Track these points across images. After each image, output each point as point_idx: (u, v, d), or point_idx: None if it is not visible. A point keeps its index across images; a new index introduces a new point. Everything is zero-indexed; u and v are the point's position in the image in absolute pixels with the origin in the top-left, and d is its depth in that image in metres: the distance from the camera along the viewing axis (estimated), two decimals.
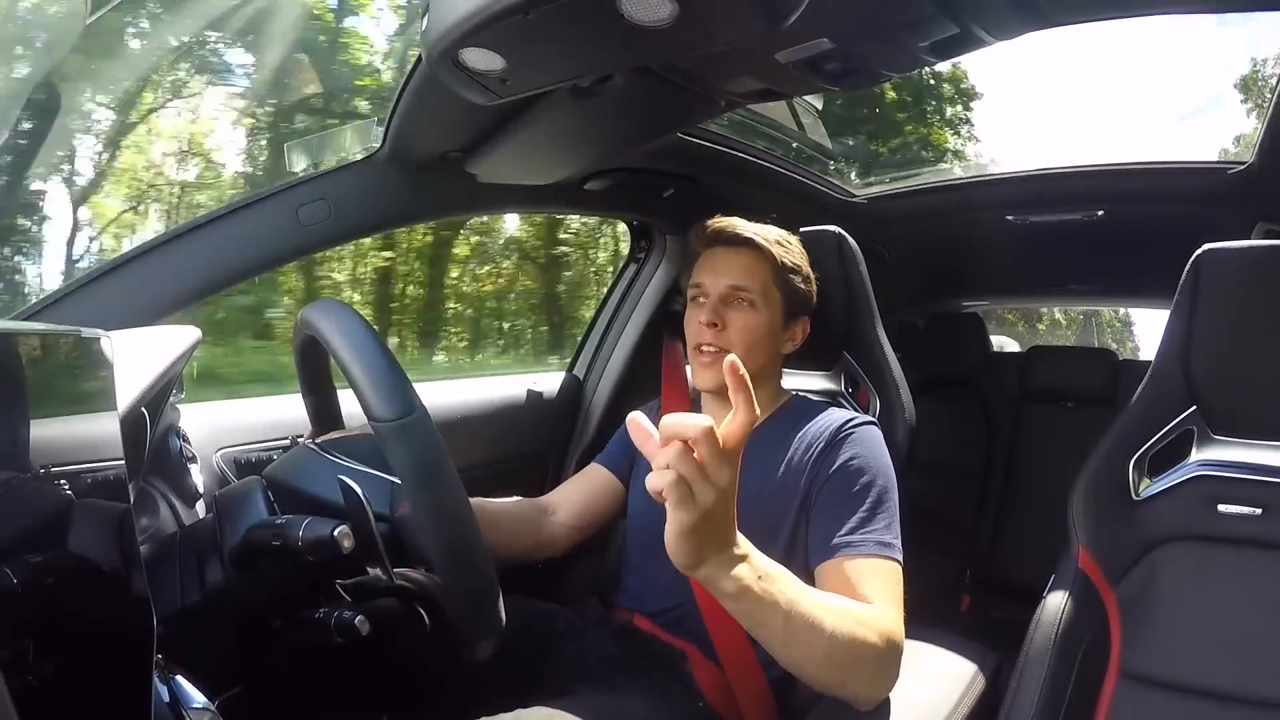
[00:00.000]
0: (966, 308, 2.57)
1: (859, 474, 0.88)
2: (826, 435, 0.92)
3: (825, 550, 0.84)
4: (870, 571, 0.81)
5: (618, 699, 0.85)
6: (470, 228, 6.00)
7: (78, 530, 0.48)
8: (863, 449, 0.90)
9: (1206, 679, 0.80)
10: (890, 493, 0.88)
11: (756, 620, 0.66)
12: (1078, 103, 6.76)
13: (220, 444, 1.07)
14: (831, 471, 0.89)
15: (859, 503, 0.86)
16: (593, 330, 1.67)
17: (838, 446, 0.91)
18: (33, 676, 0.38)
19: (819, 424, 0.94)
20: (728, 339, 0.95)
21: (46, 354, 0.53)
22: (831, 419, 0.94)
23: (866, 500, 0.86)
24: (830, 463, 0.90)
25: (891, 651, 0.74)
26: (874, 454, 0.90)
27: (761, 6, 0.65)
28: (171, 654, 0.57)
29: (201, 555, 0.68)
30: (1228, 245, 0.87)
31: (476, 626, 0.65)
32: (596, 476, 1.10)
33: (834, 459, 0.90)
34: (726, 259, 0.97)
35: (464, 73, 0.75)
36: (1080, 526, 0.89)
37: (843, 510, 0.86)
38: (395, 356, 0.64)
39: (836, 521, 0.85)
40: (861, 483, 0.87)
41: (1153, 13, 0.82)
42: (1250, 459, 0.85)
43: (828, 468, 0.90)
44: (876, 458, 0.90)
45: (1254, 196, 1.41)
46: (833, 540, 0.84)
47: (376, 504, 0.66)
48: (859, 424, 0.93)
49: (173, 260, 0.98)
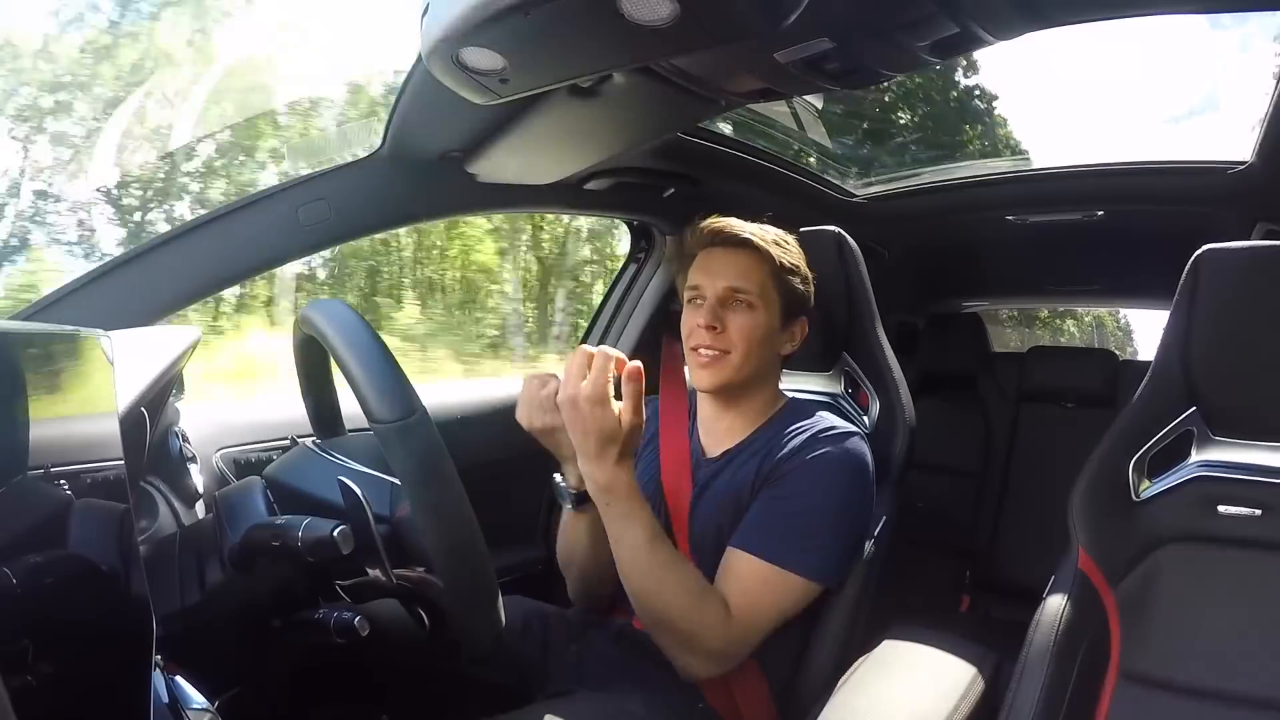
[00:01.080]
0: (966, 308, 2.57)
1: (800, 483, 0.89)
2: (800, 440, 0.92)
3: (738, 536, 0.89)
4: (749, 575, 0.87)
5: (617, 699, 0.85)
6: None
7: (78, 530, 0.48)
8: (822, 462, 0.90)
9: (1207, 680, 0.80)
10: (830, 511, 0.89)
11: (619, 522, 0.82)
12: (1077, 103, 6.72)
13: (220, 444, 1.07)
14: (783, 472, 0.91)
15: (788, 509, 0.88)
16: (592, 330, 1.67)
17: (800, 452, 0.91)
18: (32, 676, 0.38)
19: (802, 426, 0.94)
20: (727, 340, 0.95)
21: (46, 354, 0.53)
22: (814, 425, 0.94)
23: (797, 509, 0.88)
24: (783, 465, 0.91)
25: (701, 643, 0.84)
26: (831, 469, 0.90)
27: (761, 6, 0.65)
28: (171, 654, 0.57)
29: (201, 555, 0.68)
30: (1227, 245, 0.87)
31: (476, 627, 0.65)
32: None
33: (789, 463, 0.91)
34: (724, 260, 0.97)
35: (464, 72, 0.75)
36: (1080, 527, 0.89)
37: (771, 509, 0.89)
38: (395, 357, 0.64)
39: (760, 516, 0.89)
40: (800, 490, 0.89)
41: (1152, 12, 0.82)
42: (1250, 460, 0.85)
43: (781, 468, 0.91)
44: (832, 474, 0.90)
45: (1254, 196, 1.41)
46: (746, 532, 0.89)
47: (376, 505, 0.66)
48: (835, 434, 0.92)
49: (173, 260, 0.98)
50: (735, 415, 0.99)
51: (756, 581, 0.86)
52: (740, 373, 0.95)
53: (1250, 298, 0.85)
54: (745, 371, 0.95)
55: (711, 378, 0.96)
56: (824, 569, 0.88)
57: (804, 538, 0.87)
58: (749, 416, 0.99)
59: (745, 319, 0.95)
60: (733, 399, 0.99)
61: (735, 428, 0.99)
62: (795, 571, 0.86)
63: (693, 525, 0.96)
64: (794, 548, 0.86)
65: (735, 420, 0.99)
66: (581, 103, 0.91)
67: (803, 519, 0.88)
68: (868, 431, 1.04)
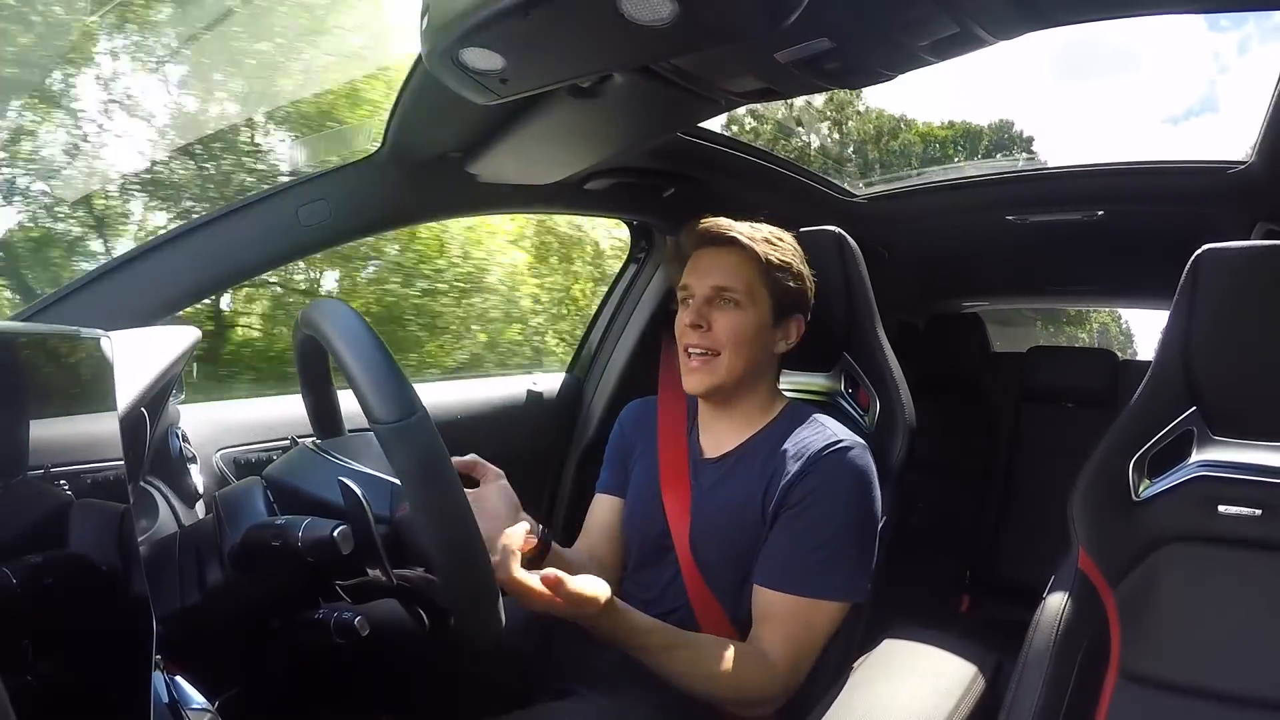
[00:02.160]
0: (966, 308, 2.57)
1: (817, 507, 0.89)
2: (806, 458, 0.91)
3: (764, 574, 0.89)
4: (791, 613, 0.87)
5: (616, 700, 0.85)
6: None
7: (77, 530, 0.48)
8: (832, 480, 0.90)
9: (1206, 680, 0.80)
10: (853, 528, 0.90)
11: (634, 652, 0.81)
12: (1076, 103, 6.71)
13: (220, 444, 1.07)
14: (798, 498, 0.90)
15: (815, 538, 0.88)
16: (592, 330, 1.67)
17: (807, 474, 0.90)
18: (32, 676, 0.38)
19: (804, 441, 0.93)
20: (714, 340, 0.94)
21: (46, 354, 0.53)
22: (816, 438, 0.93)
23: (823, 536, 0.88)
24: (800, 488, 0.90)
25: (756, 701, 0.86)
26: (843, 486, 0.90)
27: (761, 6, 0.65)
28: (171, 654, 0.57)
29: (201, 555, 0.68)
30: (1227, 245, 0.87)
31: (476, 628, 0.65)
32: (606, 508, 1.09)
33: (804, 486, 0.90)
34: (712, 259, 0.97)
35: (464, 72, 0.75)
36: (1080, 527, 0.89)
37: (797, 541, 0.89)
38: (395, 358, 0.64)
39: (788, 550, 0.89)
40: (822, 516, 0.89)
41: (1152, 12, 0.82)
42: (1250, 460, 0.85)
43: (796, 493, 0.90)
44: (845, 490, 0.90)
45: (1253, 196, 1.41)
46: (773, 569, 0.89)
47: (376, 506, 0.66)
48: (839, 448, 0.92)
49: (173, 260, 0.98)
50: (734, 416, 0.99)
51: (796, 621, 0.87)
52: (731, 374, 0.95)
53: (1250, 297, 0.85)
54: (736, 372, 0.95)
55: (701, 382, 0.95)
56: (855, 588, 0.89)
57: (832, 563, 0.88)
58: (749, 417, 0.99)
59: (732, 318, 0.95)
60: (728, 400, 0.98)
61: (735, 429, 0.99)
62: (830, 598, 0.88)
63: (693, 526, 0.96)
64: (825, 575, 0.88)
65: (734, 421, 0.99)
66: (581, 103, 0.91)
67: (828, 545, 0.88)
68: (868, 431, 1.04)
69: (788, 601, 0.87)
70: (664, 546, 0.97)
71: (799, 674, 0.87)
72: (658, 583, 0.98)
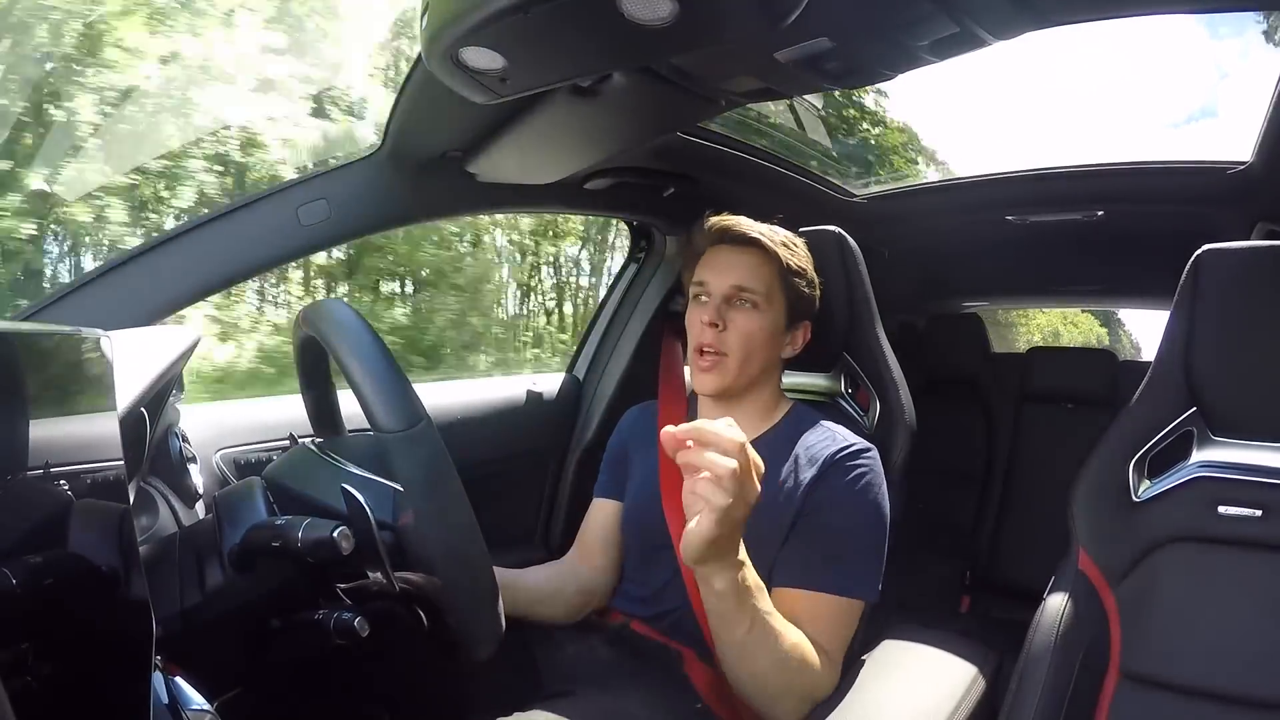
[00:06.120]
0: (966, 308, 2.57)
1: (838, 509, 0.89)
2: (820, 462, 0.92)
3: (787, 575, 0.88)
4: (821, 610, 0.86)
5: (615, 700, 0.85)
6: None
7: (77, 530, 0.48)
8: (850, 482, 0.90)
9: (1207, 680, 0.80)
10: (870, 529, 0.90)
11: (726, 620, 0.75)
12: (1076, 104, 6.68)
13: (220, 444, 1.07)
14: (816, 503, 0.90)
15: (833, 539, 0.88)
16: (592, 330, 1.67)
17: (826, 478, 0.91)
18: (31, 677, 0.38)
19: (816, 445, 0.94)
20: (726, 342, 0.94)
21: (46, 354, 0.53)
22: (829, 443, 0.93)
23: (841, 537, 0.88)
24: (817, 493, 0.90)
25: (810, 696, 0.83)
26: (861, 487, 0.91)
27: (761, 6, 0.65)
28: (171, 655, 0.57)
29: (201, 556, 0.67)
30: (1227, 245, 0.87)
31: (477, 631, 0.65)
32: (604, 511, 1.09)
33: (821, 490, 0.90)
34: (732, 258, 0.96)
35: (464, 72, 0.75)
36: (1080, 528, 0.89)
37: (816, 542, 0.89)
38: (398, 363, 0.64)
39: (807, 551, 0.88)
40: (840, 518, 0.89)
41: (1152, 12, 0.82)
42: (1250, 460, 0.85)
43: (813, 498, 0.90)
44: (863, 492, 0.90)
45: (1253, 196, 1.41)
46: (797, 569, 0.88)
47: (378, 511, 0.66)
48: (854, 452, 0.92)
49: (173, 260, 0.98)
50: (738, 416, 0.99)
51: (833, 619, 0.87)
52: (740, 377, 0.95)
53: (1250, 298, 0.85)
54: (745, 375, 0.95)
55: (711, 382, 0.95)
56: (875, 586, 0.90)
57: (857, 563, 0.88)
58: (753, 418, 0.99)
59: (749, 319, 0.95)
60: (734, 401, 0.98)
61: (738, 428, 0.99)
62: (857, 597, 0.88)
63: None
64: (854, 574, 0.88)
65: (738, 421, 0.99)
66: (581, 102, 0.91)
67: (851, 545, 0.89)
68: (868, 432, 1.04)
69: (823, 600, 0.86)
70: (663, 546, 0.97)
71: (838, 672, 0.87)
72: (657, 583, 0.98)
